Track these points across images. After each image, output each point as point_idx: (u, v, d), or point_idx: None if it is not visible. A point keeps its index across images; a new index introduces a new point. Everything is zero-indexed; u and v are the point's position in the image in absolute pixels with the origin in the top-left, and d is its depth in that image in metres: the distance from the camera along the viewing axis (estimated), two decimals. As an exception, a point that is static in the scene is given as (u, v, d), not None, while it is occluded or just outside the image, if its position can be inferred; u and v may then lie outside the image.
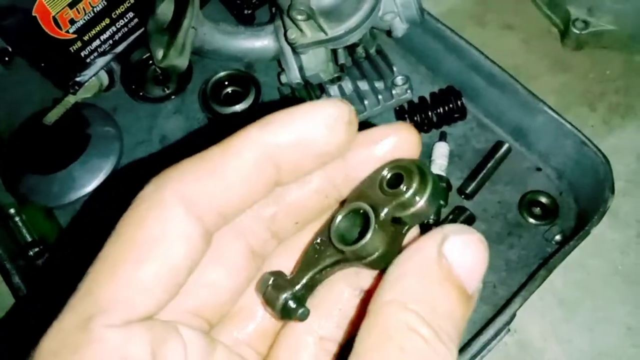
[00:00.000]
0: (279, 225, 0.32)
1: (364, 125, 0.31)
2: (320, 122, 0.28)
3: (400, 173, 0.30)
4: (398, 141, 0.31)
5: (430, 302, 0.26)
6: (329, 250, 0.31)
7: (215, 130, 0.96)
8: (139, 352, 0.25)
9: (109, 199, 0.88)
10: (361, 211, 0.30)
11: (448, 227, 0.28)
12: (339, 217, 0.31)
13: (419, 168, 0.30)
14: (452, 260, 0.27)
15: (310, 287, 0.31)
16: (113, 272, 0.26)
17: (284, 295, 0.30)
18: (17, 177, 0.91)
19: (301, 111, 0.29)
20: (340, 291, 0.33)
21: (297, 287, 0.30)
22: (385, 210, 0.29)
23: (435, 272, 0.27)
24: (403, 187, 0.29)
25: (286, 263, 0.33)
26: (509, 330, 0.73)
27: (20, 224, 0.89)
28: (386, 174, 0.30)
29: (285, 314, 0.30)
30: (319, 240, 0.31)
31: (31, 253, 0.86)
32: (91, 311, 0.25)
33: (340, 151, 0.29)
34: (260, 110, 0.93)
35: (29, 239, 0.88)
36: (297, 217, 0.32)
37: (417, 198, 0.29)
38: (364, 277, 0.33)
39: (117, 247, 0.27)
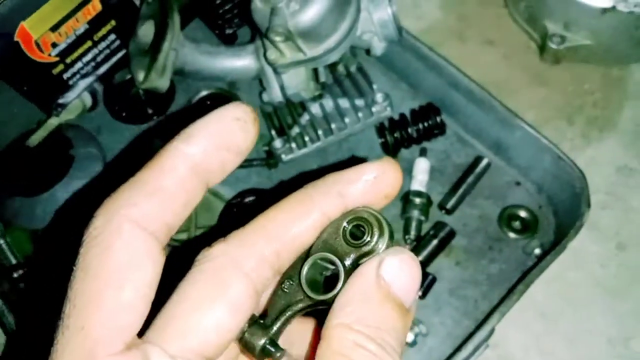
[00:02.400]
0: (281, 262, 0.34)
1: (357, 160, 0.34)
2: (235, 126, 0.32)
3: (360, 224, 0.34)
4: (385, 176, 0.35)
5: (373, 320, 0.30)
6: (298, 296, 0.34)
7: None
8: None
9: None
10: (328, 261, 0.34)
11: (384, 252, 0.32)
12: (306, 267, 0.34)
13: (375, 218, 0.34)
14: (389, 280, 0.31)
15: (282, 329, 0.34)
16: (97, 303, 0.28)
17: (262, 342, 0.33)
18: (1, 200, 0.92)
19: (215, 119, 0.32)
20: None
21: (272, 331, 0.33)
22: (351, 259, 0.33)
23: (375, 293, 0.31)
24: (366, 238, 0.34)
25: None
26: (487, 345, 0.74)
27: (4, 246, 0.89)
28: (347, 226, 0.34)
29: (265, 357, 0.33)
30: (286, 285, 0.34)
31: (15, 275, 0.86)
32: (91, 344, 0.27)
33: (252, 144, 0.33)
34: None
35: (13, 262, 0.88)
36: (298, 252, 0.35)
37: (379, 245, 0.34)
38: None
39: (90, 279, 0.28)
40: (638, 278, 0.87)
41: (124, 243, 0.29)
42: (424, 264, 0.84)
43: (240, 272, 0.32)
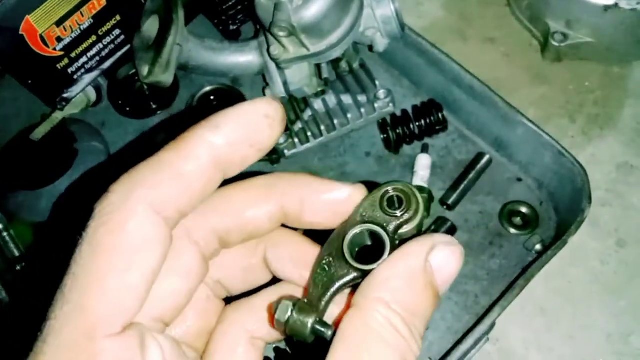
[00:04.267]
0: (230, 239, 0.35)
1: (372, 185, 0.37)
2: (263, 122, 0.32)
3: (396, 195, 0.35)
4: (350, 201, 0.35)
5: (411, 304, 0.30)
6: (340, 270, 0.33)
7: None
8: (134, 357, 0.28)
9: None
10: (370, 231, 0.34)
11: (437, 237, 0.32)
12: (349, 238, 0.34)
13: (409, 188, 0.35)
14: (436, 267, 0.30)
15: (327, 306, 0.34)
16: (102, 282, 0.27)
17: (311, 320, 0.32)
18: (5, 193, 0.92)
19: (245, 112, 0.32)
20: (274, 298, 0.36)
21: (320, 309, 0.33)
22: (392, 227, 0.34)
23: (421, 278, 0.30)
24: (405, 206, 0.34)
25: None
26: (488, 339, 0.75)
27: (8, 239, 0.90)
28: (384, 197, 0.35)
29: (316, 336, 0.32)
30: (325, 262, 0.34)
31: (18, 268, 0.87)
32: (91, 323, 0.27)
33: (275, 143, 0.33)
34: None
35: (17, 254, 0.89)
36: (247, 235, 0.35)
37: (417, 216, 0.34)
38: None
39: (98, 256, 0.28)
40: (637, 274, 0.87)
41: (137, 225, 0.28)
42: (425, 259, 0.85)
43: (190, 240, 0.33)
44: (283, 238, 0.37)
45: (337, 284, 0.33)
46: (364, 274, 0.32)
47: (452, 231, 0.86)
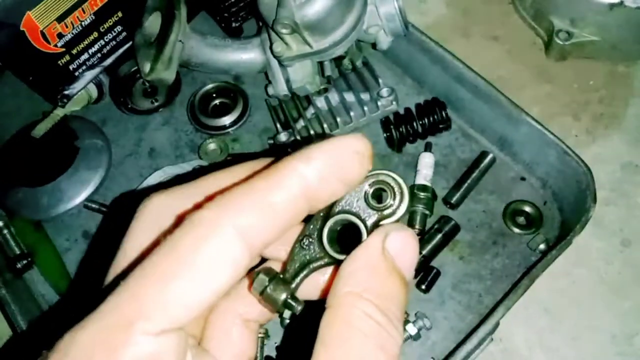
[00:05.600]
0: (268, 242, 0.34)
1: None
2: (354, 158, 0.32)
3: (382, 188, 0.35)
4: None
5: (380, 290, 0.31)
6: (318, 253, 0.35)
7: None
8: (168, 357, 0.28)
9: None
10: (349, 222, 0.35)
11: (388, 226, 0.33)
12: (327, 228, 0.35)
13: (397, 182, 0.35)
14: (393, 253, 0.32)
15: (300, 283, 0.36)
16: (164, 284, 0.28)
17: (283, 296, 0.34)
18: (6, 190, 0.92)
19: (337, 147, 0.32)
20: None
21: (293, 286, 0.35)
22: (372, 221, 0.35)
23: (382, 264, 0.31)
24: (389, 202, 0.35)
25: None
26: (492, 339, 0.74)
27: (8, 236, 0.89)
28: (369, 189, 0.35)
29: (286, 309, 0.34)
30: (305, 242, 0.36)
31: (19, 265, 0.86)
32: (134, 316, 0.27)
33: (362, 179, 0.34)
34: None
35: (17, 252, 0.88)
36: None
37: (400, 209, 0.35)
38: None
39: (171, 260, 0.28)
40: (642, 275, 0.87)
41: (220, 243, 0.29)
42: (428, 258, 0.84)
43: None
44: None
45: (312, 265, 0.35)
46: (340, 262, 0.34)
47: (455, 230, 0.86)
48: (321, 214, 0.35)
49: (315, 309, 0.33)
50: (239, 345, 0.37)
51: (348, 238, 0.35)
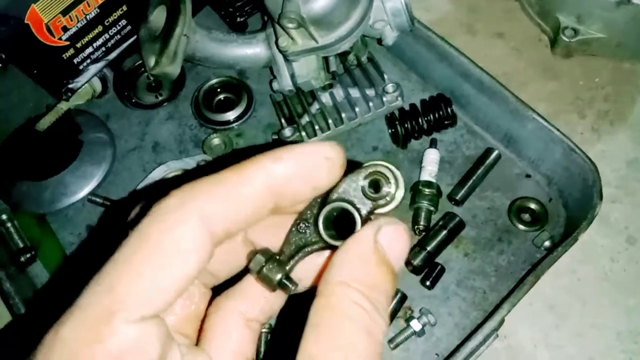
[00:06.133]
0: (235, 230, 0.35)
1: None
2: (323, 164, 0.34)
3: (377, 177, 0.36)
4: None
5: (369, 280, 0.32)
6: (314, 238, 0.36)
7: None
8: (150, 344, 0.29)
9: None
10: (344, 210, 0.36)
11: (381, 220, 0.34)
12: (324, 214, 0.36)
13: (392, 172, 0.36)
14: (385, 245, 0.33)
15: (295, 265, 0.37)
16: (137, 273, 0.29)
17: (279, 276, 0.35)
18: (10, 184, 0.91)
19: (307, 150, 0.34)
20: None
21: (288, 267, 0.36)
22: (367, 209, 0.36)
23: (372, 257, 0.33)
24: (384, 191, 0.36)
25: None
26: (497, 335, 0.74)
27: (12, 229, 0.89)
28: (366, 178, 0.36)
29: (281, 289, 0.36)
30: (302, 226, 0.37)
31: (23, 259, 0.86)
32: (113, 306, 0.28)
33: (331, 185, 0.35)
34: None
35: (21, 245, 0.88)
36: (247, 225, 0.35)
37: (395, 198, 0.36)
38: None
39: (142, 249, 0.30)
40: (647, 272, 0.86)
41: (185, 231, 0.30)
42: (433, 255, 0.84)
43: (208, 228, 0.33)
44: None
45: (308, 249, 0.36)
46: (333, 247, 0.36)
47: (460, 226, 0.85)
48: (318, 200, 0.37)
49: (302, 302, 0.34)
50: (238, 344, 0.37)
51: (343, 224, 0.36)
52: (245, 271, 0.38)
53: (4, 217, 0.89)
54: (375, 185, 0.36)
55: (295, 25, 0.80)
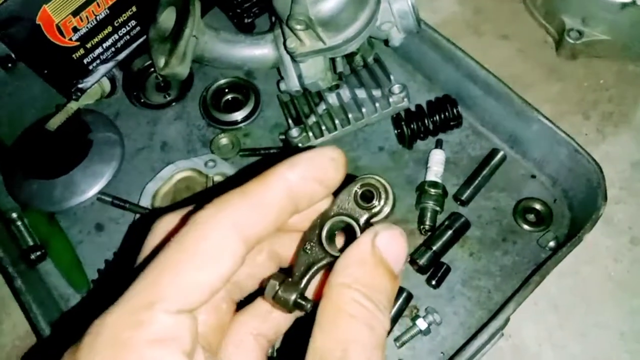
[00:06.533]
0: (263, 237, 0.38)
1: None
2: (330, 164, 0.38)
3: (369, 189, 0.39)
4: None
5: (368, 282, 0.35)
6: (320, 254, 0.39)
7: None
8: (184, 335, 0.32)
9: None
10: (344, 222, 0.39)
11: (378, 226, 0.37)
12: (326, 229, 0.39)
13: (381, 184, 0.39)
14: (382, 248, 0.36)
15: (308, 284, 0.39)
16: (176, 272, 0.33)
17: (293, 297, 0.38)
18: (20, 182, 0.93)
19: (315, 155, 0.38)
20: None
21: (301, 287, 0.39)
22: (364, 219, 0.39)
23: (370, 258, 0.36)
24: (375, 201, 0.39)
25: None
26: (502, 334, 0.75)
27: (22, 228, 0.90)
28: (358, 190, 0.40)
29: (298, 309, 0.38)
30: (307, 246, 0.40)
31: (33, 257, 0.87)
32: (154, 298, 0.32)
33: (339, 183, 0.39)
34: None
35: (31, 243, 0.89)
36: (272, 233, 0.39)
37: (386, 206, 0.39)
38: None
39: (181, 251, 0.33)
40: (651, 273, 0.87)
41: (218, 237, 0.34)
42: (439, 254, 0.85)
43: (241, 238, 0.36)
44: (283, 233, 0.42)
45: (316, 266, 0.39)
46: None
47: (465, 226, 0.86)
48: (318, 221, 0.40)
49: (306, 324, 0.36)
50: (247, 356, 0.41)
51: (346, 237, 0.40)
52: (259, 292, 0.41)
53: (14, 215, 0.90)
54: (367, 197, 0.39)
55: (304, 26, 0.81)
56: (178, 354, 0.31)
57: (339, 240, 0.41)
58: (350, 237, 0.39)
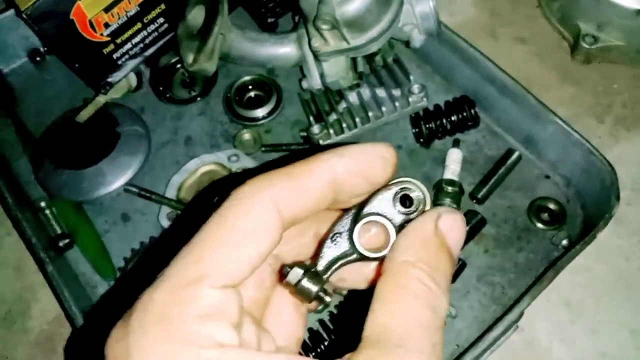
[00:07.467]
0: (301, 217, 0.38)
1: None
2: (379, 161, 0.38)
3: (407, 193, 0.40)
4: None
5: (432, 262, 0.35)
6: (348, 250, 0.39)
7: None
8: (231, 309, 0.33)
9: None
10: (377, 222, 0.39)
11: (440, 208, 0.38)
12: (359, 226, 0.39)
13: (420, 190, 0.40)
14: (444, 232, 0.36)
15: (330, 277, 0.39)
16: (218, 248, 0.33)
17: (316, 289, 0.37)
18: (49, 172, 0.95)
19: (366, 149, 0.38)
20: None
21: (324, 280, 0.38)
22: (398, 222, 0.39)
23: (434, 240, 0.36)
24: (414, 206, 0.39)
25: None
26: (517, 327, 0.77)
27: (50, 216, 0.93)
28: (399, 193, 0.39)
29: (317, 302, 0.38)
30: (336, 237, 0.39)
31: (61, 244, 0.90)
32: (200, 274, 0.32)
33: (385, 181, 0.39)
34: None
35: (59, 231, 0.92)
36: (311, 213, 0.39)
37: (426, 209, 0.39)
38: None
39: (222, 229, 0.34)
40: (661, 272, 0.89)
41: (259, 213, 0.34)
42: (455, 250, 0.87)
43: (279, 212, 0.36)
44: (327, 215, 0.42)
45: (342, 261, 0.39)
46: (368, 259, 0.38)
47: (481, 224, 0.89)
48: (350, 214, 0.40)
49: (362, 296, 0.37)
50: (289, 326, 0.41)
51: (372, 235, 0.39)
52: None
53: (43, 204, 0.93)
54: (404, 201, 0.39)
55: (329, 26, 0.83)
56: (227, 328, 0.32)
57: (368, 238, 0.41)
58: (379, 236, 0.39)
